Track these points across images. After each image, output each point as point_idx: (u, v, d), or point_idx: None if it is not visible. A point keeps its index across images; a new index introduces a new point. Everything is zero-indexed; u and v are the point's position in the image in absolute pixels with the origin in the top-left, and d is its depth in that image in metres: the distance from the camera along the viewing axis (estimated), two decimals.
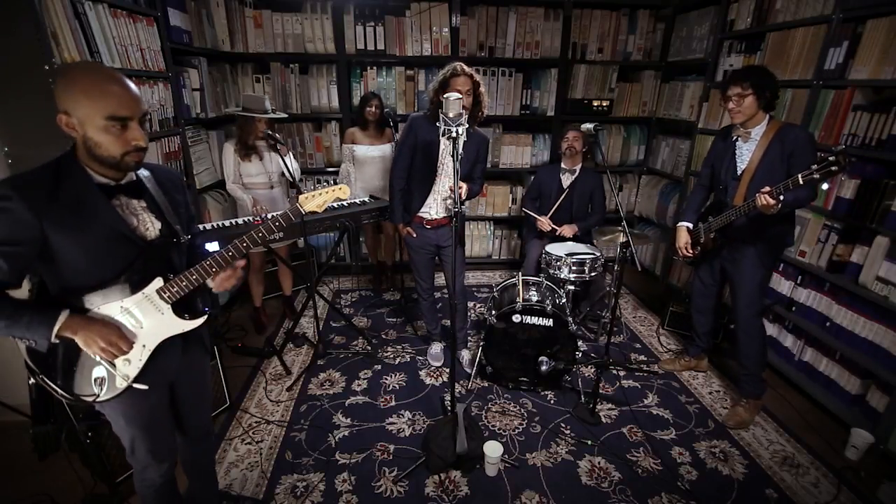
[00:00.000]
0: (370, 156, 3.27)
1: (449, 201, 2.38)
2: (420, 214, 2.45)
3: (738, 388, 2.42)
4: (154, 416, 1.32)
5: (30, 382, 1.18)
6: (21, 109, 1.83)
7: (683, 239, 2.43)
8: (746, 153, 2.15)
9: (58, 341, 1.09)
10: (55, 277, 1.12)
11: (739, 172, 2.17)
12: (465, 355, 2.79)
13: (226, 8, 3.22)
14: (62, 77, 1.05)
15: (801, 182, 1.77)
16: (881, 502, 1.90)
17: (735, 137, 2.19)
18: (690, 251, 2.42)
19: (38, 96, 1.78)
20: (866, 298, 2.16)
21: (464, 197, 2.35)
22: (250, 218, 2.63)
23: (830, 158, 1.66)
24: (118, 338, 1.13)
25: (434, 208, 2.43)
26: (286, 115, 2.94)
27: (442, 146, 2.32)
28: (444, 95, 1.79)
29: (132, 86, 1.07)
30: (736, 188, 2.18)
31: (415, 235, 2.49)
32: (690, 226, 2.44)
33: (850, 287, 2.23)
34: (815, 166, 1.71)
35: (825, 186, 1.81)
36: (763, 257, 2.18)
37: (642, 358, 2.89)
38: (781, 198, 1.85)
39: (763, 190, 1.88)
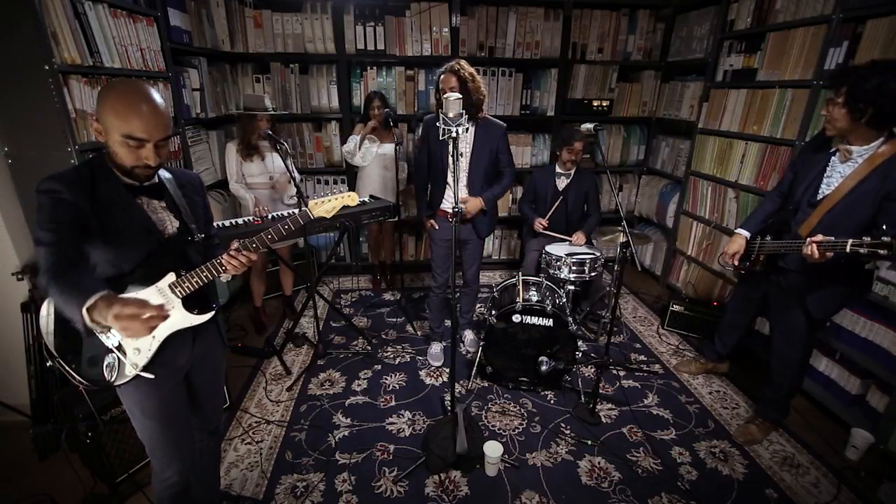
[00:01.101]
0: (375, 155, 3.27)
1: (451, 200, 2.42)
2: (443, 208, 2.51)
3: (757, 406, 2.29)
4: (170, 407, 1.36)
5: (47, 364, 1.26)
6: (21, 110, 1.83)
7: (734, 248, 2.06)
8: (837, 177, 1.72)
9: (88, 320, 1.03)
10: None
11: (819, 198, 1.77)
12: (469, 335, 2.80)
13: (226, 8, 3.21)
14: (103, 89, 1.14)
15: (847, 251, 1.48)
16: (881, 502, 1.90)
17: (833, 151, 1.77)
18: (737, 263, 2.08)
19: (38, 97, 1.79)
20: (866, 298, 2.15)
21: (464, 197, 2.43)
22: (251, 218, 2.63)
23: (884, 240, 1.39)
24: (141, 307, 1.05)
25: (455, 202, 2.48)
26: (287, 112, 2.94)
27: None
28: (445, 95, 1.79)
29: (161, 112, 1.13)
30: (807, 216, 1.80)
31: (437, 228, 2.56)
32: (748, 235, 2.07)
33: None
34: (866, 239, 1.44)
35: (867, 267, 1.55)
36: (815, 307, 1.85)
37: (642, 358, 2.89)
38: (829, 254, 1.56)
39: (815, 238, 1.58)
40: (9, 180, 1.96)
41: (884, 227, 1.44)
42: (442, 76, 2.28)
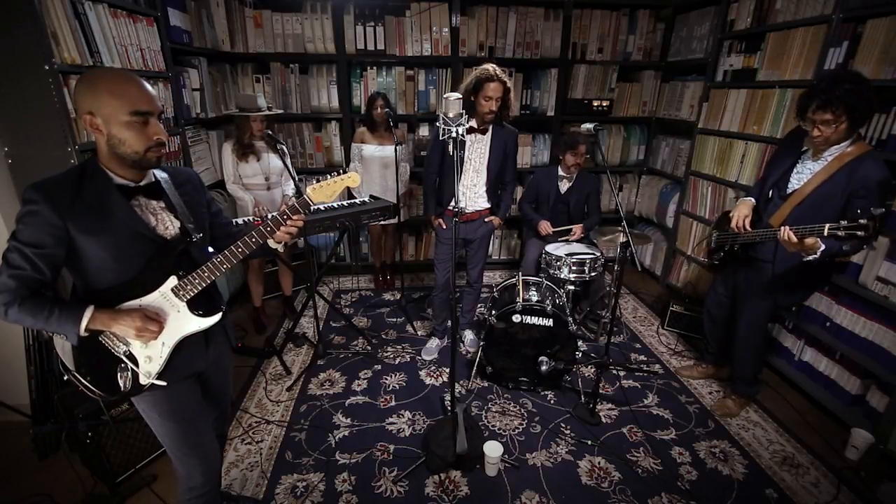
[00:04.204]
0: (376, 156, 3.27)
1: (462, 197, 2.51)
2: (451, 207, 2.52)
3: (731, 384, 2.44)
4: (189, 406, 1.34)
5: (64, 378, 1.25)
6: (21, 110, 1.83)
7: (745, 211, 2.01)
8: (808, 172, 1.83)
9: (87, 335, 1.13)
10: (80, 277, 1.16)
11: (790, 191, 1.88)
12: (469, 335, 2.83)
13: (226, 8, 3.21)
14: (85, 81, 1.09)
15: (825, 234, 1.56)
16: (881, 502, 1.89)
17: (805, 148, 1.89)
18: (749, 227, 2.01)
19: (37, 97, 1.79)
20: (866, 298, 2.16)
21: (463, 205, 2.50)
22: (250, 218, 2.63)
23: (861, 222, 1.43)
24: (145, 318, 1.16)
25: (463, 202, 2.51)
26: (280, 111, 2.94)
27: (468, 142, 2.39)
28: (445, 95, 1.80)
29: (148, 85, 1.13)
30: (778, 207, 1.91)
31: (445, 227, 2.58)
32: (754, 202, 2.06)
33: (850, 287, 2.23)
34: (843, 222, 1.50)
35: (846, 247, 1.56)
36: (780, 296, 2.01)
37: (642, 358, 2.89)
38: (821, 246, 1.61)
39: (792, 227, 1.67)
40: (9, 180, 1.96)
41: (858, 211, 1.48)
42: (492, 84, 2.22)
